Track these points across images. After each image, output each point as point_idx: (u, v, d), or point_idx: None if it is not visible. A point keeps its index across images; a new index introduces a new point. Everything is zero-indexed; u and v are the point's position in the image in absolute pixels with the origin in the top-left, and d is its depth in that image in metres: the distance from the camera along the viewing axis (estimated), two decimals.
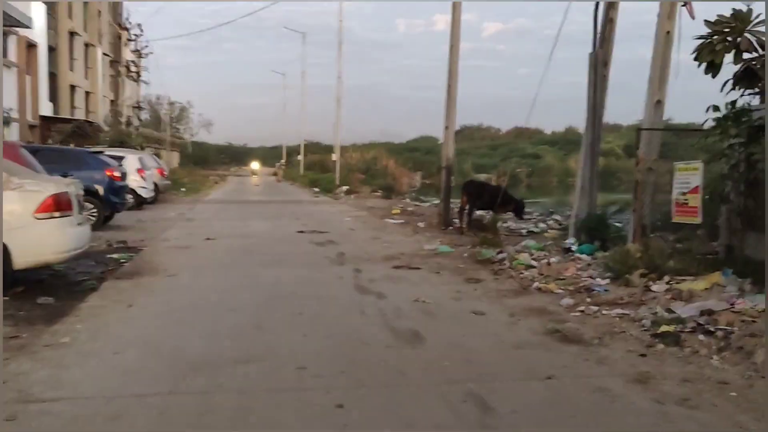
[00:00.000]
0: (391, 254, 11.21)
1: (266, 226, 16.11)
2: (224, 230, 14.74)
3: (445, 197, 16.98)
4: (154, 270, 9.28)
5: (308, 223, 16.60)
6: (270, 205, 24.06)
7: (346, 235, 14.13)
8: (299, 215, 19.46)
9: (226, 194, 32.22)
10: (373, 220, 18.35)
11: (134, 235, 13.45)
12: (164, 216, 18.22)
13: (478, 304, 7.34)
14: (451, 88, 16.91)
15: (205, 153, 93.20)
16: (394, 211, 21.25)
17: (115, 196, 14.20)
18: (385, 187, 34.85)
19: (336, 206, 24.23)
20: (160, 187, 23.33)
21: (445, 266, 10.01)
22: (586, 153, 12.03)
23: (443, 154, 17.36)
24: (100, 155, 14.77)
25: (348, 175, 38.12)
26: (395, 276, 9.10)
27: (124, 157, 20.09)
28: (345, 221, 17.85)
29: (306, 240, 13.16)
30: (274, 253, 11.15)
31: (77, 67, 44.18)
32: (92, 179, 13.99)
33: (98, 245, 11.71)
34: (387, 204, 26.13)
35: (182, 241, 12.54)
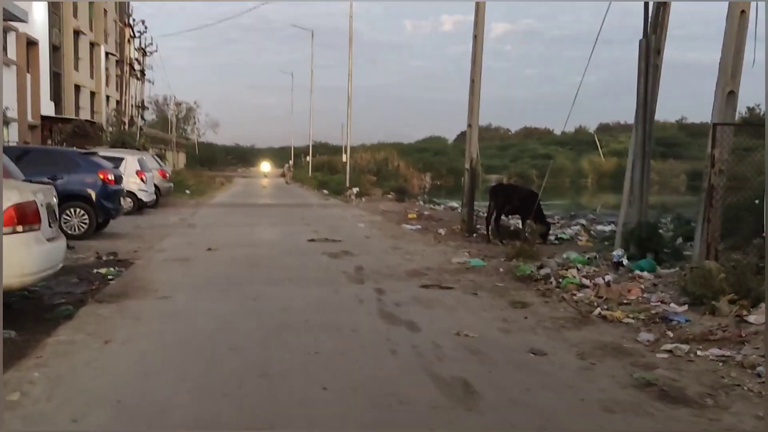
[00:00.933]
0: (415, 269, 9.86)
1: (274, 233, 14.79)
2: (228, 238, 13.43)
3: (469, 201, 15.63)
4: (143, 290, 7.96)
5: (319, 230, 15.27)
6: (278, 208, 22.74)
7: (362, 245, 12.79)
8: (309, 220, 18.13)
9: (232, 197, 30.90)
10: (389, 226, 17.00)
11: (128, 244, 12.15)
12: (164, 221, 16.93)
13: (534, 338, 5.98)
14: (474, 84, 15.54)
15: (212, 154, 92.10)
16: (411, 216, 19.90)
17: (109, 201, 12.91)
18: (397, 189, 33.48)
19: (348, 210, 22.89)
20: (162, 190, 22.06)
21: (481, 285, 8.64)
22: (636, 153, 10.64)
23: (466, 155, 16.01)
24: (92, 156, 13.48)
25: (358, 176, 36.80)
26: (425, 298, 7.74)
27: (122, 159, 18.85)
28: (359, 227, 16.50)
29: (318, 250, 11.83)
30: (283, 268, 9.81)
31: (82, 66, 43.06)
32: (83, 183, 12.73)
33: (86, 257, 10.45)
34: (401, 207, 24.77)
35: (180, 252, 11.23)
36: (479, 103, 15.64)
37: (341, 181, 36.16)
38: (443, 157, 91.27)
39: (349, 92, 33.58)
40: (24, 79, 27.07)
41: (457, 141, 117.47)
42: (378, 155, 45.11)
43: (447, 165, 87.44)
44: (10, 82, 26.03)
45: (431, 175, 76.60)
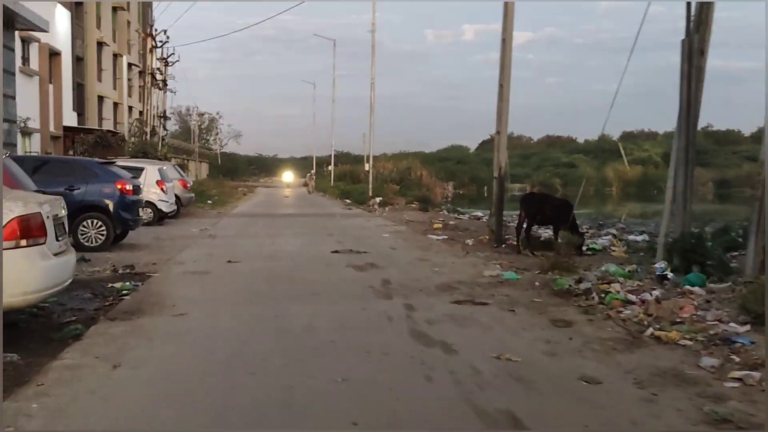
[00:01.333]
0: (445, 282, 9.31)
1: (297, 244, 14.33)
2: (249, 250, 12.99)
3: (498, 211, 15.04)
4: (159, 306, 7.51)
5: (343, 241, 14.79)
6: (300, 219, 22.33)
7: (388, 256, 12.27)
8: (332, 231, 17.66)
9: (254, 207, 30.57)
10: (415, 237, 16.47)
11: (146, 256, 11.76)
12: (184, 232, 16.57)
13: (583, 363, 5.41)
14: (503, 89, 14.99)
15: (234, 164, 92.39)
16: (436, 226, 19.36)
17: (127, 212, 12.54)
18: (421, 198, 32.97)
19: (371, 220, 22.41)
20: (183, 200, 21.75)
21: (518, 300, 8.08)
22: (679, 160, 10.02)
23: (494, 163, 15.42)
24: (110, 166, 13.14)
25: (381, 186, 36.34)
26: (459, 315, 7.19)
27: (142, 169, 18.55)
28: (384, 238, 15.99)
29: (342, 262, 11.33)
30: (307, 282, 9.31)
31: (105, 77, 43.23)
32: (101, 193, 12.39)
33: (102, 270, 10.06)
34: (425, 217, 24.23)
35: (200, 265, 10.80)
36: (508, 110, 15.08)
37: (364, 190, 35.72)
38: (465, 166, 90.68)
39: (371, 101, 33.19)
40: (46, 90, 27.03)
41: (479, 149, 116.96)
42: (400, 164, 44.60)
43: (469, 174, 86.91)
44: (32, 93, 26.02)
45: (453, 184, 76.01)
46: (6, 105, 19.09)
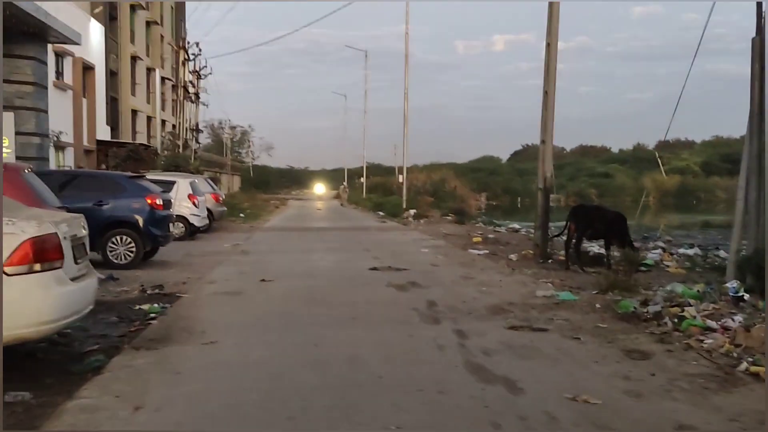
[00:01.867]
0: (495, 303, 8.57)
1: (332, 260, 13.69)
2: (283, 267, 12.39)
3: (543, 224, 14.26)
4: (187, 332, 6.91)
5: (381, 256, 14.12)
6: (334, 232, 21.74)
7: (430, 274, 11.56)
8: (368, 245, 17.02)
9: (286, 220, 30.13)
10: (455, 252, 15.73)
11: (176, 274, 11.23)
12: (216, 248, 16.06)
13: (674, 406, 4.64)
14: (548, 96, 14.24)
15: (266, 176, 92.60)
16: (476, 240, 18.60)
17: (157, 227, 12.05)
18: (456, 210, 32.22)
19: (407, 233, 21.72)
20: (215, 214, 21.32)
21: (580, 325, 7.30)
22: (751, 169, 9.16)
23: (539, 173, 14.66)
24: (140, 180, 12.69)
25: (415, 197, 35.69)
26: (518, 344, 6.45)
27: (173, 182, 18.15)
28: (423, 253, 15.29)
29: (382, 280, 10.65)
30: (346, 303, 8.65)
31: (139, 91, 43.41)
32: (130, 208, 11.92)
33: (130, 290, 9.54)
34: (463, 230, 23.47)
35: (232, 284, 10.21)
36: (554, 117, 14.33)
37: (397, 202, 35.10)
38: (498, 177, 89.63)
39: (405, 111, 32.57)
40: (80, 104, 26.97)
41: (511, 160, 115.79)
42: (433, 175, 43.89)
43: (502, 185, 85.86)
44: (66, 107, 25.96)
45: (487, 195, 75.10)
46: (38, 119, 18.88)
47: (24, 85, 17.48)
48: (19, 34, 16.30)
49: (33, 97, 17.96)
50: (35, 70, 17.84)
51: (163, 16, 51.64)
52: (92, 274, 5.97)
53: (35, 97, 18.34)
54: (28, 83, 17.54)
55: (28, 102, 17.60)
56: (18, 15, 15.10)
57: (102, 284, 9.98)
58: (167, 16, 53.28)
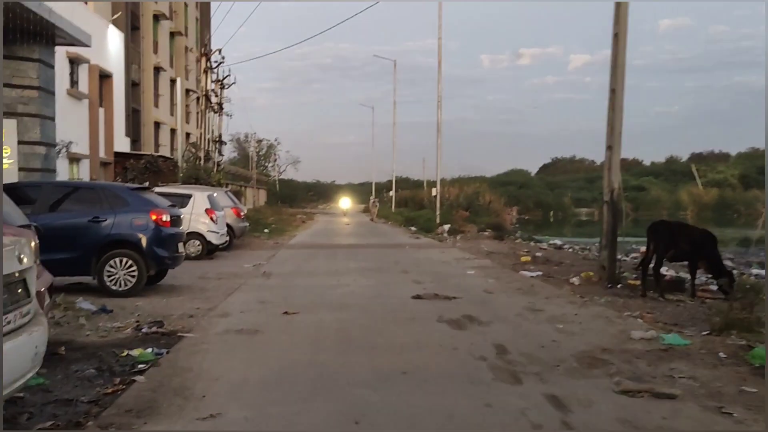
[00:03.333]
0: (585, 350, 6.61)
1: (367, 284, 11.81)
2: (311, 294, 10.55)
3: (610, 243, 12.26)
4: (182, 396, 5.07)
5: (422, 280, 12.22)
6: (366, 250, 19.86)
7: (486, 304, 9.62)
8: (406, 265, 15.11)
9: (313, 236, 28.30)
10: (506, 274, 13.75)
11: (184, 304, 9.44)
12: (235, 269, 14.28)
13: None
14: (615, 95, 12.30)
15: (292, 190, 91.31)
16: (524, 259, 16.61)
17: (163, 248, 10.28)
18: (494, 225, 30.19)
19: (446, 251, 19.75)
20: (236, 231, 19.58)
21: (716, 387, 5.32)
22: None
23: (604, 183, 12.67)
24: (144, 193, 10.94)
25: (448, 211, 33.69)
26: (643, 421, 4.50)
27: (190, 196, 16.48)
28: (470, 275, 13.34)
29: (431, 313, 8.74)
30: (390, 348, 6.75)
31: (162, 103, 42.20)
32: (131, 226, 10.17)
33: (123, 327, 7.75)
34: (504, 247, 21.47)
35: (248, 318, 8.37)
36: (622, 119, 12.35)
37: (430, 217, 33.15)
38: (529, 190, 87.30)
39: (438, 120, 30.69)
40: (96, 114, 25.54)
41: (540, 174, 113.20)
42: (466, 189, 41.84)
43: (534, 198, 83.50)
44: (81, 117, 24.59)
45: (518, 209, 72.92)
46: (44, 127, 17.38)
47: (28, 90, 15.95)
48: (22, 33, 14.79)
49: (38, 102, 16.48)
50: (40, 73, 16.33)
51: (187, 27, 50.60)
52: (36, 324, 4.12)
53: (40, 103, 16.85)
54: (32, 87, 16.02)
55: (32, 108, 16.08)
56: (17, 11, 13.58)
57: (91, 319, 8.26)
58: (192, 27, 52.22)
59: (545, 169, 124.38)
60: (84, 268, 10.02)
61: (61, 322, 7.94)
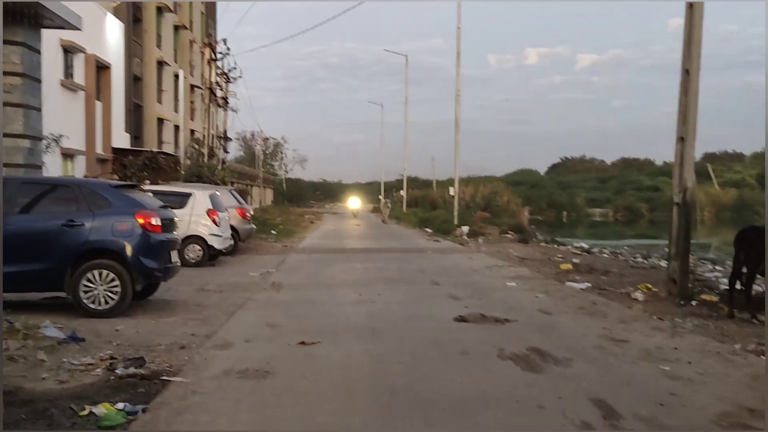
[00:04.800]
0: (723, 412, 4.76)
1: (396, 300, 9.96)
2: (330, 313, 8.72)
3: (682, 251, 10.41)
4: None
5: (459, 294, 10.39)
6: (384, 256, 18.01)
7: (551, 330, 7.76)
8: (433, 274, 13.27)
9: (324, 237, 26.44)
10: (552, 286, 11.88)
11: (175, 328, 7.62)
12: (241, 278, 12.47)
13: None
14: (689, 77, 10.43)
15: (299, 189, 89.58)
16: (564, 267, 14.75)
17: (152, 257, 8.45)
18: (516, 227, 28.32)
19: (473, 257, 17.87)
20: (241, 233, 17.77)
21: None
22: None
23: (675, 181, 10.80)
24: (131, 191, 9.09)
25: (464, 212, 31.78)
26: None
27: (189, 195, 14.68)
28: (513, 288, 11.47)
29: (485, 344, 6.90)
30: (447, 404, 4.90)
31: (166, 99, 40.43)
32: (113, 231, 8.34)
33: (92, 366, 5.94)
34: (534, 251, 19.61)
35: (255, 351, 6.53)
36: (697, 105, 10.47)
37: (446, 218, 31.26)
38: (540, 190, 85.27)
39: (456, 115, 28.78)
40: (93, 107, 23.77)
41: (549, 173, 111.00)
42: (481, 189, 39.91)
43: (546, 198, 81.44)
44: (76, 110, 22.85)
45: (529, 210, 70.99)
46: (28, 118, 15.60)
47: (10, 77, 14.17)
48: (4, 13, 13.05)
49: (22, 91, 14.71)
50: (24, 58, 14.55)
51: (192, 21, 48.77)
52: None
53: (24, 92, 15.07)
54: (15, 74, 14.24)
55: (15, 97, 14.30)
56: None
57: (55, 351, 6.45)
58: (197, 21, 50.41)
59: (554, 168, 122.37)
60: (56, 282, 8.22)
61: (15, 357, 6.14)
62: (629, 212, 79.77)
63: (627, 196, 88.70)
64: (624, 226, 62.55)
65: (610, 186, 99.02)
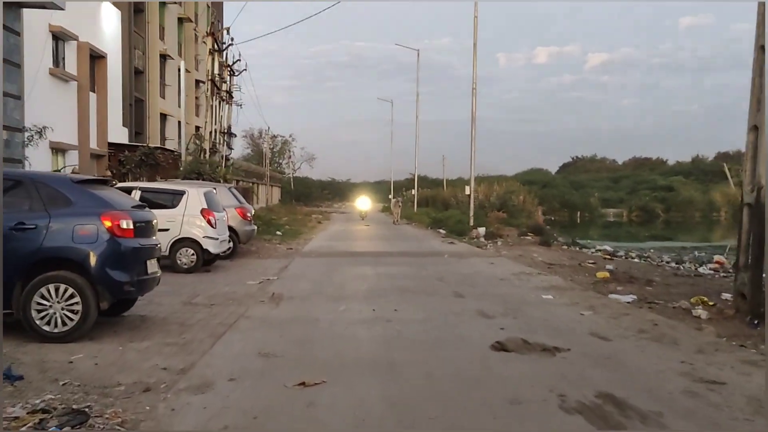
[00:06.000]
0: None
1: (416, 319, 8.38)
2: (338, 337, 7.17)
3: (755, 261, 8.76)
4: None
5: (489, 310, 8.81)
6: (398, 260, 16.43)
7: (618, 365, 6.17)
8: (454, 283, 11.70)
9: (332, 239, 24.85)
10: (595, 300, 10.27)
11: (146, 357, 6.08)
12: (236, 287, 10.93)
13: None
14: (764, 54, 8.77)
15: (307, 188, 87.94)
16: (601, 275, 13.12)
17: (122, 268, 6.91)
18: (535, 228, 26.68)
19: (496, 262, 16.25)
20: (241, 235, 16.23)
21: None
22: None
23: (745, 179, 9.16)
24: (96, 188, 7.52)
25: (479, 212, 30.14)
26: None
27: (182, 193, 13.16)
28: (550, 303, 9.86)
29: (539, 386, 5.33)
30: None
31: (170, 94, 38.98)
32: (73, 235, 6.81)
33: (21, 421, 4.41)
34: (560, 256, 18.00)
35: (239, 399, 4.99)
36: None
37: (460, 218, 29.62)
38: (553, 190, 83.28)
39: (473, 110, 27.13)
40: (86, 99, 22.28)
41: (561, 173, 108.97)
42: (498, 187, 38.23)
43: (559, 198, 79.50)
44: (67, 102, 21.40)
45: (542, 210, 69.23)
46: (6, 106, 14.20)
47: None
48: None
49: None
50: (2, 40, 13.19)
51: (198, 14, 47.31)
52: None
53: (2, 77, 13.69)
54: None
55: None
56: None
57: None
58: (203, 14, 48.93)
59: (566, 168, 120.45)
60: (4, 298, 6.69)
61: None
62: (644, 212, 77.75)
63: (641, 196, 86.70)
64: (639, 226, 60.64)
65: (623, 186, 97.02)
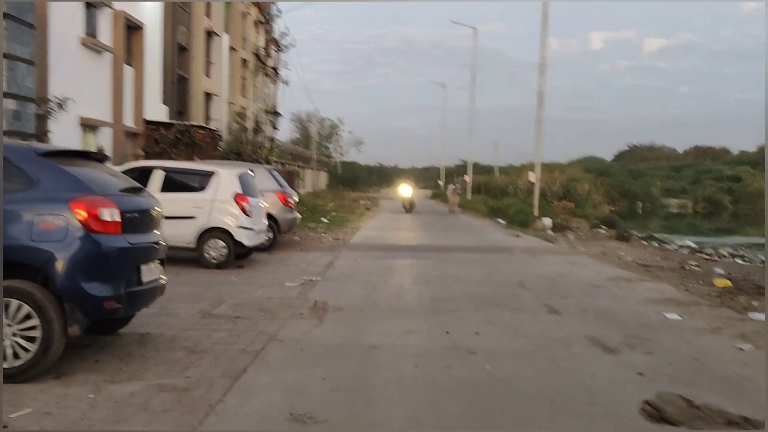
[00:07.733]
0: None
1: (510, 351, 6.15)
2: (406, 385, 5.01)
3: None
4: None
5: (603, 335, 6.53)
6: (462, 256, 14.15)
7: None
8: (540, 290, 9.42)
9: (382, 229, 22.62)
10: (734, 320, 7.86)
11: (118, 418, 4.02)
12: (271, 292, 8.85)
13: None
14: None
15: (354, 173, 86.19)
16: (720, 283, 10.65)
17: (101, 277, 4.86)
18: (607, 221, 24.07)
19: (577, 261, 13.82)
20: (282, 224, 14.19)
21: None
22: None
23: None
24: (72, 162, 5.47)
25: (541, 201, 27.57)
26: None
27: (211, 174, 11.17)
28: (677, 325, 7.50)
29: None
30: None
31: (215, 72, 37.32)
32: (31, 230, 4.78)
33: None
34: (649, 254, 15.48)
35: None
36: None
37: (522, 208, 27.15)
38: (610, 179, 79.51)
39: (540, 88, 24.55)
40: (121, 73, 20.55)
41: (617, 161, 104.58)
42: (560, 175, 35.47)
43: (618, 188, 75.70)
44: (100, 75, 19.68)
45: None
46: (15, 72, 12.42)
47: None
48: None
49: (6, 37, 11.60)
50: None
51: None
52: None
53: (9, 38, 11.91)
54: None
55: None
56: None
57: None
58: None
59: (622, 156, 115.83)
60: None
61: None
62: (710, 204, 73.37)
63: (706, 186, 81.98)
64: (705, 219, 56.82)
65: (685, 175, 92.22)
